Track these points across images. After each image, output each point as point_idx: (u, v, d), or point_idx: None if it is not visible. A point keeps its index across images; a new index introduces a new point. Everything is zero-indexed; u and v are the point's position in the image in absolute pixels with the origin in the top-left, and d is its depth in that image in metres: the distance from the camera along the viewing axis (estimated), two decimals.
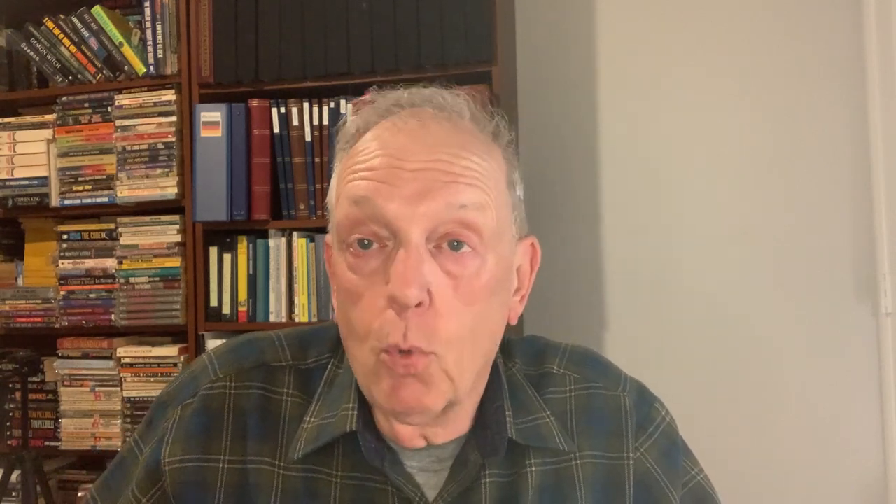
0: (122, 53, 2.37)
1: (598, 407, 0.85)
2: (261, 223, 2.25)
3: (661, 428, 0.87)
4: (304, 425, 0.81)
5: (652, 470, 0.85)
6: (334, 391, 0.82)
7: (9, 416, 2.44)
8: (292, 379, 0.84)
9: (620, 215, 2.44)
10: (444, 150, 0.74)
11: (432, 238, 0.73)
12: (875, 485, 2.23)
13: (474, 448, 0.80)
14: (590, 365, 0.88)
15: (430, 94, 0.79)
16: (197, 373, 0.85)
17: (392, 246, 0.73)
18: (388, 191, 0.72)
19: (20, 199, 2.43)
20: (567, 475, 0.82)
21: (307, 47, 2.19)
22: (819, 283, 2.29)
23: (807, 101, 2.31)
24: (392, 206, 0.71)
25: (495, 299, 0.76)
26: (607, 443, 0.84)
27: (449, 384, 0.73)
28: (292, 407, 0.83)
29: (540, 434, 0.82)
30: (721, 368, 2.34)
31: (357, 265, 0.74)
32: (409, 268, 0.70)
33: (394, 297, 0.70)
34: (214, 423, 0.82)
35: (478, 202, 0.73)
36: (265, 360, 0.85)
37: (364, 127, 0.78)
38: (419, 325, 0.71)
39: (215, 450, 0.81)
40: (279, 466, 0.81)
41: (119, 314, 2.33)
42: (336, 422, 0.79)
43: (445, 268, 0.73)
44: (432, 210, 0.71)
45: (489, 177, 0.75)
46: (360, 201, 0.73)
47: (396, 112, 0.78)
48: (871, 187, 2.23)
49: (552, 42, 2.50)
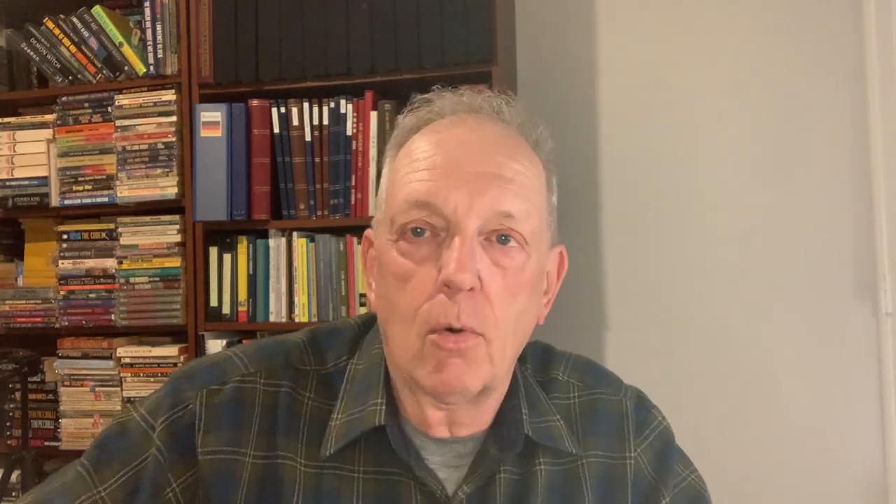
0: (122, 53, 2.37)
1: (602, 410, 0.90)
2: (261, 223, 2.25)
3: (657, 431, 0.91)
4: (332, 423, 0.83)
5: (645, 470, 0.89)
6: (356, 387, 0.85)
7: (9, 416, 2.45)
8: (314, 384, 0.86)
9: (620, 215, 2.44)
10: (499, 151, 0.80)
11: (482, 232, 0.77)
12: (875, 485, 2.23)
13: (493, 443, 0.83)
14: (592, 373, 0.93)
15: (487, 99, 0.85)
16: (221, 361, 0.87)
17: (445, 236, 0.77)
18: (446, 188, 0.77)
19: (20, 199, 2.43)
20: (574, 475, 0.86)
21: (307, 47, 2.19)
22: (819, 283, 2.29)
23: (807, 101, 2.31)
24: (451, 201, 0.76)
25: (533, 296, 0.82)
26: (610, 444, 0.89)
27: (490, 368, 0.78)
28: (312, 410, 0.85)
29: (551, 435, 0.86)
30: (721, 368, 2.34)
31: (409, 250, 0.78)
32: (463, 254, 0.75)
33: (449, 281, 0.74)
34: (245, 417, 0.84)
35: (524, 210, 0.78)
36: (293, 361, 0.87)
37: (423, 124, 0.84)
38: (472, 308, 0.75)
39: (244, 443, 0.83)
40: (301, 464, 0.83)
41: (119, 314, 2.33)
42: (365, 416, 0.82)
43: (494, 259, 0.78)
44: (485, 210, 0.77)
45: (534, 181, 0.81)
46: (421, 205, 0.77)
47: (455, 112, 0.84)
48: (871, 187, 2.24)
49: (552, 42, 2.50)
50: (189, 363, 0.89)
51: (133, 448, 0.83)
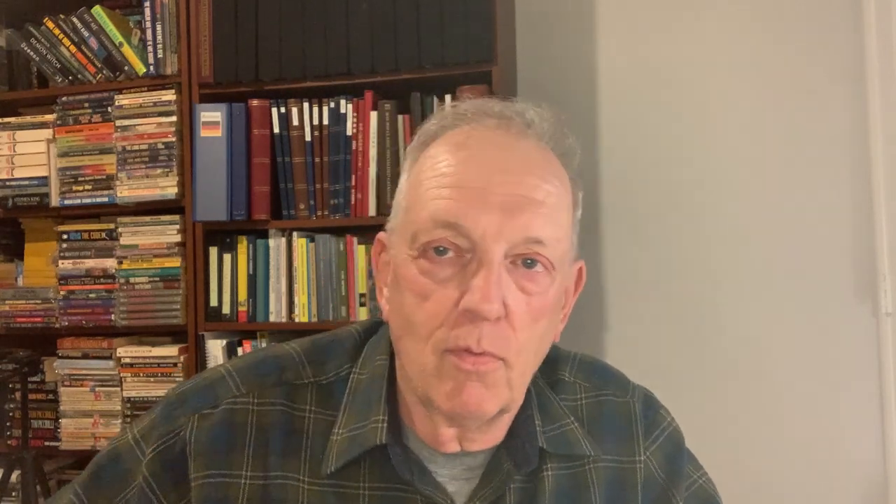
0: (122, 53, 2.37)
1: (609, 413, 0.88)
2: (261, 223, 2.25)
3: (667, 433, 0.90)
4: (333, 438, 0.81)
5: (655, 473, 0.87)
6: (359, 399, 0.82)
7: (9, 416, 2.45)
8: (314, 396, 0.83)
9: (620, 215, 2.44)
10: (531, 171, 0.76)
11: (508, 255, 0.74)
12: (875, 485, 2.23)
13: (506, 457, 0.81)
14: (598, 373, 0.91)
15: (519, 110, 0.80)
16: (214, 382, 0.84)
17: (470, 258, 0.74)
18: (476, 212, 0.73)
19: (20, 199, 2.43)
20: (582, 479, 0.84)
21: (307, 47, 2.19)
22: (819, 283, 2.29)
23: (807, 101, 2.31)
24: (480, 226, 0.73)
25: (554, 317, 0.80)
26: (619, 447, 0.87)
27: (508, 392, 0.76)
28: (315, 423, 0.82)
29: (567, 440, 0.84)
30: (721, 368, 2.34)
31: (431, 270, 0.75)
32: (490, 284, 0.72)
33: (474, 310, 0.72)
34: (238, 438, 0.81)
35: (553, 237, 0.76)
36: (287, 378, 0.84)
37: (447, 127, 0.80)
38: (494, 334, 0.73)
39: (237, 465, 0.81)
40: (304, 482, 0.80)
41: (119, 314, 2.33)
42: (366, 433, 0.79)
43: (519, 283, 0.75)
44: (514, 235, 0.74)
45: (563, 202, 0.78)
46: (448, 226, 0.74)
47: (484, 122, 0.79)
48: (871, 187, 2.24)
49: (552, 42, 2.50)
50: (183, 384, 0.86)
51: (124, 476, 0.83)
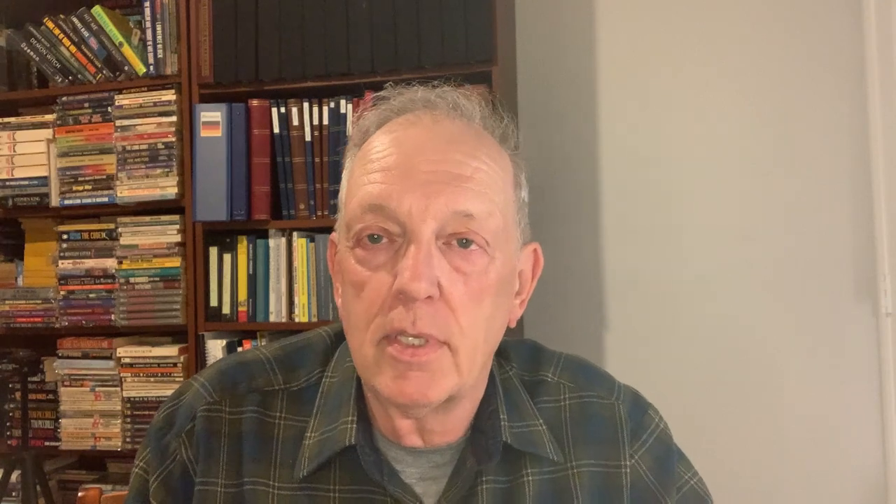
0: (122, 53, 2.37)
1: (593, 415, 0.86)
2: (261, 223, 2.25)
3: (655, 434, 0.88)
4: (305, 442, 0.81)
5: (645, 476, 0.86)
6: (330, 402, 0.82)
7: (9, 416, 2.45)
8: (285, 403, 0.83)
9: (620, 216, 2.44)
10: (457, 148, 0.75)
11: (441, 235, 0.74)
12: (875, 485, 2.23)
13: (471, 453, 0.80)
14: (583, 374, 0.89)
15: (443, 94, 0.80)
16: (190, 400, 0.84)
17: (402, 242, 0.74)
18: (400, 191, 0.73)
19: (20, 199, 2.43)
20: (564, 485, 0.83)
21: (307, 47, 2.19)
22: (819, 283, 2.29)
23: (807, 101, 2.31)
24: (405, 205, 0.73)
25: (501, 299, 0.77)
26: (603, 451, 0.85)
27: (456, 377, 0.74)
28: (285, 429, 0.82)
29: (532, 440, 0.82)
30: (721, 368, 2.34)
31: (365, 258, 0.75)
32: (419, 262, 0.71)
33: (403, 290, 0.71)
34: (214, 446, 0.82)
35: (484, 211, 0.74)
36: (258, 385, 0.84)
37: (379, 123, 0.80)
38: (430, 316, 0.72)
39: (214, 472, 0.81)
40: (274, 487, 0.80)
41: (119, 314, 2.33)
42: (336, 435, 0.79)
43: (454, 264, 0.74)
44: (441, 211, 0.73)
45: (497, 178, 0.77)
46: (375, 209, 0.74)
47: (411, 109, 0.79)
48: (871, 188, 2.23)
49: (552, 42, 2.50)
50: (162, 410, 0.85)
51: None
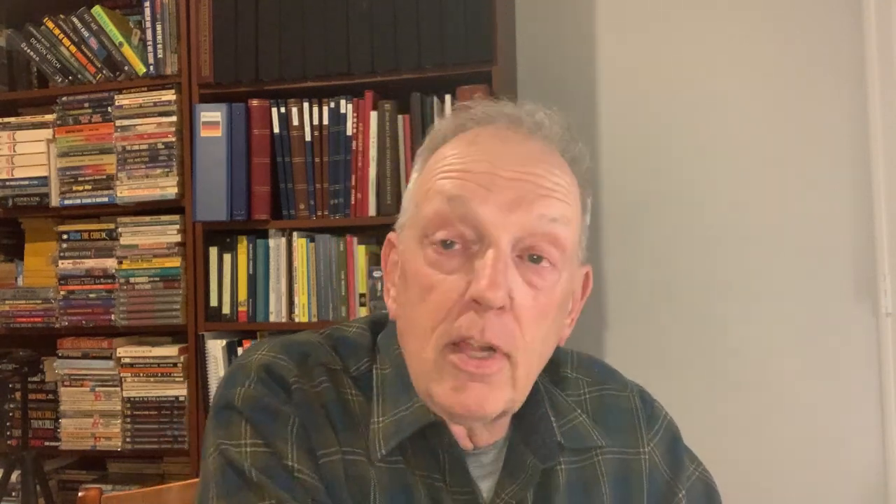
0: (122, 53, 2.37)
1: (612, 406, 0.89)
2: (261, 223, 2.25)
3: (664, 425, 0.92)
4: (373, 426, 0.78)
5: (659, 464, 0.89)
6: (391, 389, 0.80)
7: (9, 416, 2.45)
8: (350, 382, 0.81)
9: (621, 215, 2.44)
10: (539, 164, 0.76)
11: (516, 248, 0.74)
12: (875, 485, 2.23)
13: (529, 453, 0.81)
14: (597, 368, 0.93)
15: (528, 111, 0.80)
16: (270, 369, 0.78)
17: (477, 249, 0.73)
18: (483, 194, 0.73)
19: (20, 199, 2.43)
20: (592, 471, 0.85)
21: (307, 47, 2.19)
22: (819, 283, 2.29)
23: (807, 101, 2.31)
24: (485, 210, 0.72)
25: (559, 317, 0.79)
26: (624, 439, 0.88)
27: (511, 392, 0.75)
28: (360, 406, 0.79)
29: (579, 433, 0.85)
30: (720, 368, 2.34)
31: (438, 262, 0.74)
32: (497, 271, 0.71)
33: (480, 297, 0.70)
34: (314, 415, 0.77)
35: (567, 216, 0.76)
36: (323, 361, 0.81)
37: (456, 130, 0.80)
38: (500, 326, 0.72)
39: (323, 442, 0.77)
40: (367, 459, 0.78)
41: (119, 314, 2.33)
42: (409, 416, 0.77)
43: (526, 277, 0.74)
44: (524, 220, 0.73)
45: (572, 195, 0.78)
46: (454, 199, 0.73)
47: (492, 121, 0.80)
48: (871, 187, 2.23)
49: (552, 42, 2.50)
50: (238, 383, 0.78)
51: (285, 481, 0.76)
